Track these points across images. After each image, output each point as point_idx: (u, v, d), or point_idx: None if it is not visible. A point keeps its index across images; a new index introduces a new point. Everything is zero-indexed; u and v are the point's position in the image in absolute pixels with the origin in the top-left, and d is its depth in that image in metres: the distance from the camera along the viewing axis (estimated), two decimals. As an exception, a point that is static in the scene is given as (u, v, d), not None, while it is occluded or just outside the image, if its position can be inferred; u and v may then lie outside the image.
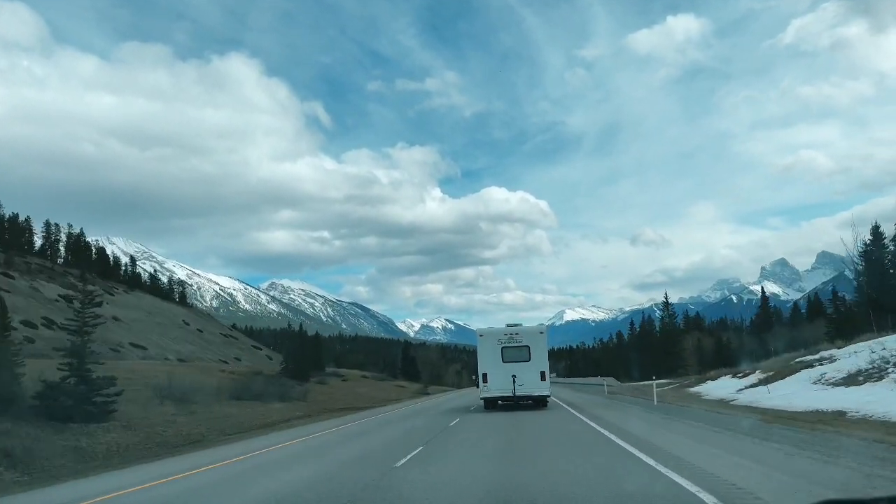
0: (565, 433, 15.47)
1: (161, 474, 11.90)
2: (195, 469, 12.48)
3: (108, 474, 13.16)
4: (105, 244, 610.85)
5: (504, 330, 25.66)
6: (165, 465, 14.11)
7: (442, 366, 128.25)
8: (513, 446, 13.43)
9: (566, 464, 9.96)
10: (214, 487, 10.35)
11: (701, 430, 14.54)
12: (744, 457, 9.68)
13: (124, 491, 10.16)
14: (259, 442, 18.50)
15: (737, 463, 9.12)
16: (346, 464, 11.90)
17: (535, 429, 17.07)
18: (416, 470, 10.16)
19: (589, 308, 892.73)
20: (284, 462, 13.10)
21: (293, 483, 9.65)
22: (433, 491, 8.32)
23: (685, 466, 8.79)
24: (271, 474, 11.09)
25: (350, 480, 9.39)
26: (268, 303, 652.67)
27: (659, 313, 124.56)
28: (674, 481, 7.81)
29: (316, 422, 27.47)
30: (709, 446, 11.47)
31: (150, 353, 63.35)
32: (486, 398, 25.09)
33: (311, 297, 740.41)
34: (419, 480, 9.16)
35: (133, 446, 18.18)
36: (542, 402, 25.06)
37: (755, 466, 8.76)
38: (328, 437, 19.08)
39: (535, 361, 24.31)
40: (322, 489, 8.80)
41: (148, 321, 78.19)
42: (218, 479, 11.15)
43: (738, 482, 7.48)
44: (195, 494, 9.72)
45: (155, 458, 15.80)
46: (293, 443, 17.45)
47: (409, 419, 25.48)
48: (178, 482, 10.89)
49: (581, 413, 21.58)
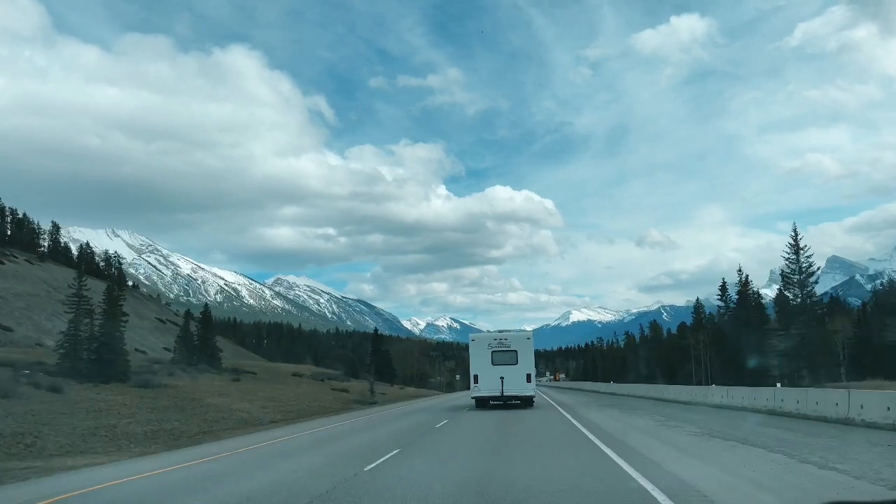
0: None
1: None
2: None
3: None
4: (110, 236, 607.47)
5: (494, 335, 27.86)
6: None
7: (427, 363, 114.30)
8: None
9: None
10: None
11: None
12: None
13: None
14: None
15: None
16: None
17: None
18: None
19: (595, 309, 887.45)
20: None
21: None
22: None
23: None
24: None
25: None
26: (272, 298, 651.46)
27: (666, 316, 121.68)
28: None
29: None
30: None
31: (14, 335, 51.65)
32: (477, 398, 27.39)
33: (317, 294, 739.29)
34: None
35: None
36: (528, 402, 27.25)
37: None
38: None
39: (522, 365, 26.46)
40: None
41: (43, 297, 65.43)
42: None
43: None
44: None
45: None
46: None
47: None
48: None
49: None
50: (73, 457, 14.67)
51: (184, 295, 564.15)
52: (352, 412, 34.69)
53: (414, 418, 25.33)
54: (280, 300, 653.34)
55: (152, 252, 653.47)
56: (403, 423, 22.66)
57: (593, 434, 15.01)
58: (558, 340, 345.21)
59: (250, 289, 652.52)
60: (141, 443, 17.67)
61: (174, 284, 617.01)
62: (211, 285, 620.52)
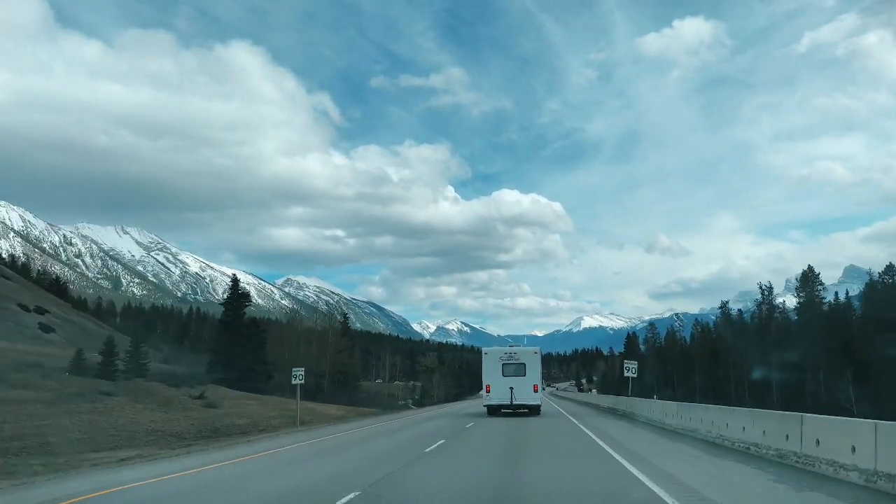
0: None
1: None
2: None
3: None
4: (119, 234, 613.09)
5: (504, 350, 31.25)
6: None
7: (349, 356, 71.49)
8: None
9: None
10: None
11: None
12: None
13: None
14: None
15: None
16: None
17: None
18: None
19: (607, 315, 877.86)
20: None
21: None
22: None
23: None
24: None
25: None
26: (281, 298, 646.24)
27: (678, 324, 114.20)
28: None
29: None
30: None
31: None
32: (489, 405, 29.81)
33: (326, 295, 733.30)
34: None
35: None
36: (535, 410, 29.72)
37: None
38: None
39: (530, 376, 29.12)
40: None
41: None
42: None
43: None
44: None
45: None
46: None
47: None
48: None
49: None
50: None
51: (191, 293, 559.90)
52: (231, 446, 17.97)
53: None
54: (289, 300, 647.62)
55: (161, 250, 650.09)
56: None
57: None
58: (571, 346, 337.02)
59: (259, 288, 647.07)
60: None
61: (182, 283, 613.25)
62: (219, 284, 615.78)
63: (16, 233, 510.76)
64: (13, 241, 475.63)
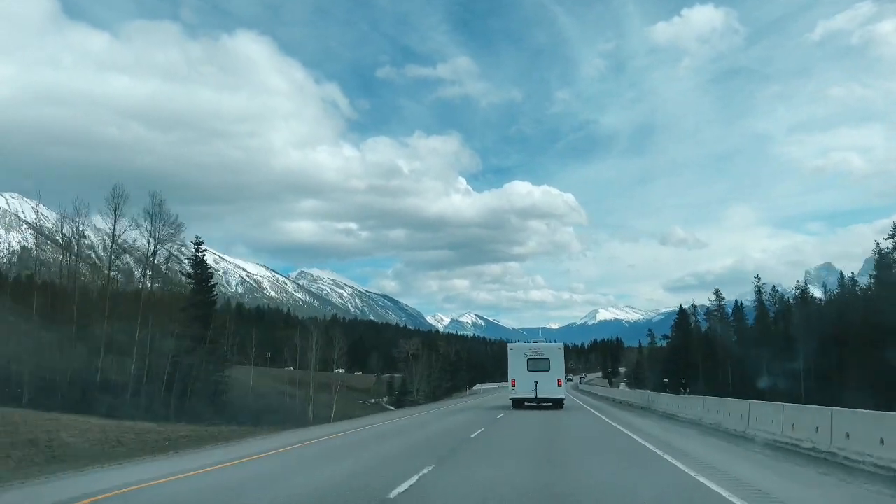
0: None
1: None
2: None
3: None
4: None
5: (529, 345, 32.51)
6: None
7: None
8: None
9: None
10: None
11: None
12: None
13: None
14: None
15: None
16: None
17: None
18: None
19: (623, 308, 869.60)
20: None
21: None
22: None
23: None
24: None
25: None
26: (294, 291, 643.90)
27: (696, 317, 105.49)
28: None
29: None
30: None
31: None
32: (514, 399, 30.99)
33: (340, 287, 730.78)
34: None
35: None
36: (559, 404, 30.67)
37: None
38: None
39: (554, 371, 30.13)
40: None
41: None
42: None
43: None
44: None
45: None
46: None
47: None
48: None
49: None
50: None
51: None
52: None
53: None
54: (302, 293, 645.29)
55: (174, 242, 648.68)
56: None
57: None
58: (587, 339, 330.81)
59: (272, 280, 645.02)
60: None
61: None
62: (233, 276, 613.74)
63: (28, 225, 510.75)
64: (25, 233, 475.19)
